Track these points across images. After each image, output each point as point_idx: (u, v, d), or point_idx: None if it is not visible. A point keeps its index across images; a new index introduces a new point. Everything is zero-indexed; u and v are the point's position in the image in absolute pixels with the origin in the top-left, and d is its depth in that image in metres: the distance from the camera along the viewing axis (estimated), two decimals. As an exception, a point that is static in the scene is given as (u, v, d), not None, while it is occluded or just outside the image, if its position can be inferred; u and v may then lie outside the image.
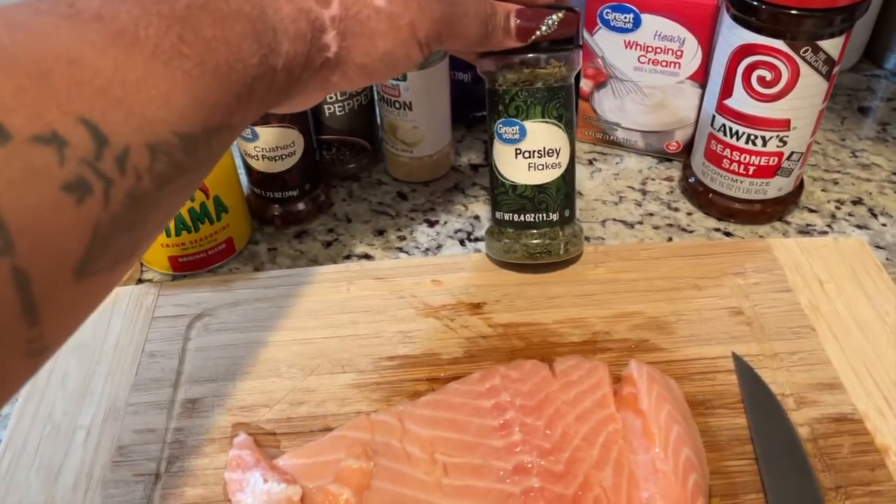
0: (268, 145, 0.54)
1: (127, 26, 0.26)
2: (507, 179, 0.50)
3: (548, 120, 0.48)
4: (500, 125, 0.49)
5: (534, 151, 0.48)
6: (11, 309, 0.21)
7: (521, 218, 0.50)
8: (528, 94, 0.47)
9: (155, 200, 0.27)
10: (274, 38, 0.32)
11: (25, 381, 0.24)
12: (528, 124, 0.48)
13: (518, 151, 0.49)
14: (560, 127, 0.48)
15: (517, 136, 0.48)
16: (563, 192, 0.50)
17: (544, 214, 0.50)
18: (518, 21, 0.44)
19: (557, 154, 0.49)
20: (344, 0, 0.35)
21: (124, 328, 0.48)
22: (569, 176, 0.50)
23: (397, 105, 0.58)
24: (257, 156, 0.55)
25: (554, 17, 0.45)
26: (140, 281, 0.55)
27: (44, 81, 0.23)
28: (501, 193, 0.51)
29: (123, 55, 0.26)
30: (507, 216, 0.51)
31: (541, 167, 0.49)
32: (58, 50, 0.24)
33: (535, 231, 0.50)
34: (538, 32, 0.45)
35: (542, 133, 0.48)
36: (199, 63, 0.28)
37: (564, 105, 0.48)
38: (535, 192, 0.49)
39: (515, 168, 0.49)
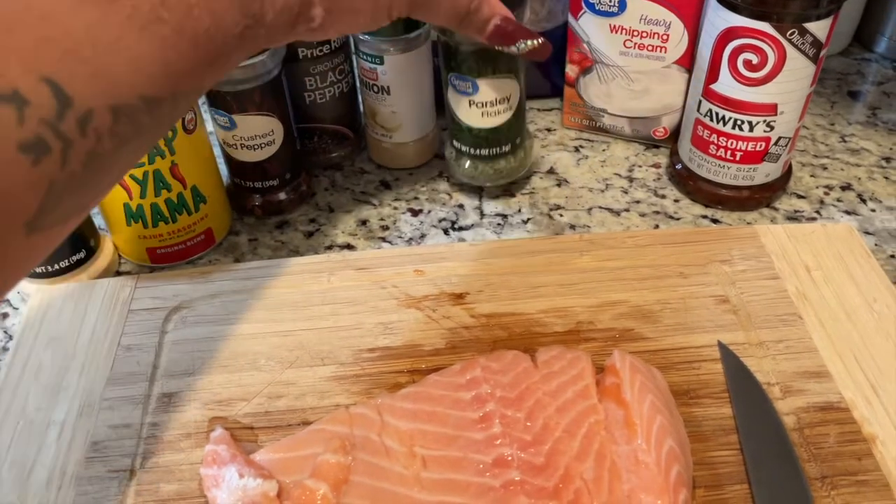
0: (246, 134, 0.53)
1: None
2: (463, 122, 0.54)
3: (499, 75, 0.51)
4: (454, 78, 0.52)
5: (486, 102, 0.52)
6: None
7: (478, 152, 0.56)
8: (479, 56, 0.50)
9: (112, 160, 0.26)
10: (260, 9, 0.31)
11: None
12: (480, 81, 0.51)
13: (471, 102, 0.53)
14: (510, 77, 0.52)
15: (470, 90, 0.52)
16: (515, 126, 0.55)
17: (498, 148, 0.55)
18: (495, 29, 0.43)
19: (508, 100, 0.53)
20: None
21: (100, 321, 0.47)
22: (519, 111, 0.54)
23: (375, 89, 0.57)
24: (236, 145, 0.54)
25: (529, 42, 0.44)
26: (118, 273, 0.54)
27: (9, 35, 0.22)
28: (458, 131, 0.55)
29: (98, 15, 0.25)
30: (464, 148, 0.56)
31: (493, 114, 0.53)
32: (26, 3, 0.23)
33: (490, 161, 0.56)
34: (507, 48, 0.45)
35: (493, 87, 0.52)
36: (176, 29, 0.27)
37: (514, 57, 0.50)
38: (489, 133, 0.54)
39: (469, 114, 0.53)
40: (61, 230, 0.26)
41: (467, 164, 0.57)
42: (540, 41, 0.45)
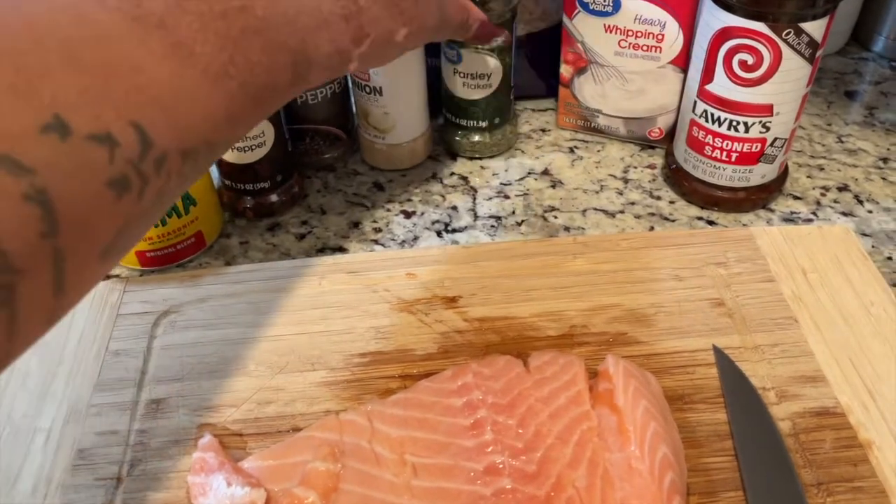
0: (236, 136, 0.52)
1: (185, 39, 0.28)
2: (448, 89, 0.60)
3: (481, 50, 0.57)
4: (444, 46, 0.58)
5: (468, 73, 0.58)
6: (46, 282, 0.24)
7: (457, 121, 0.62)
8: None
9: (173, 196, 0.29)
10: (307, 70, 0.34)
11: (35, 342, 0.26)
12: (464, 52, 0.57)
13: (455, 71, 0.58)
14: (493, 56, 0.57)
15: (455, 59, 0.58)
16: (493, 105, 0.60)
17: (475, 122, 0.61)
18: (477, 31, 0.50)
19: (489, 77, 0.58)
20: (375, 39, 0.38)
21: (88, 326, 0.47)
22: (500, 93, 0.60)
23: (367, 89, 0.57)
24: (226, 147, 0.53)
25: (500, 40, 0.56)
26: (107, 277, 0.53)
27: (106, 84, 0.25)
28: (446, 97, 0.61)
29: (179, 68, 0.28)
30: (448, 115, 0.62)
31: (473, 86, 0.59)
32: (121, 55, 0.26)
33: (466, 132, 0.62)
34: (482, 46, 0.55)
35: (475, 60, 0.57)
36: (241, 85, 0.30)
37: (503, 46, 0.57)
38: (468, 104, 0.60)
39: (454, 82, 0.59)
40: (119, 258, 0.29)
41: (450, 131, 0.63)
42: (503, 38, 0.56)
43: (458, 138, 0.62)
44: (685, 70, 0.57)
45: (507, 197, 0.59)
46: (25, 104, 0.23)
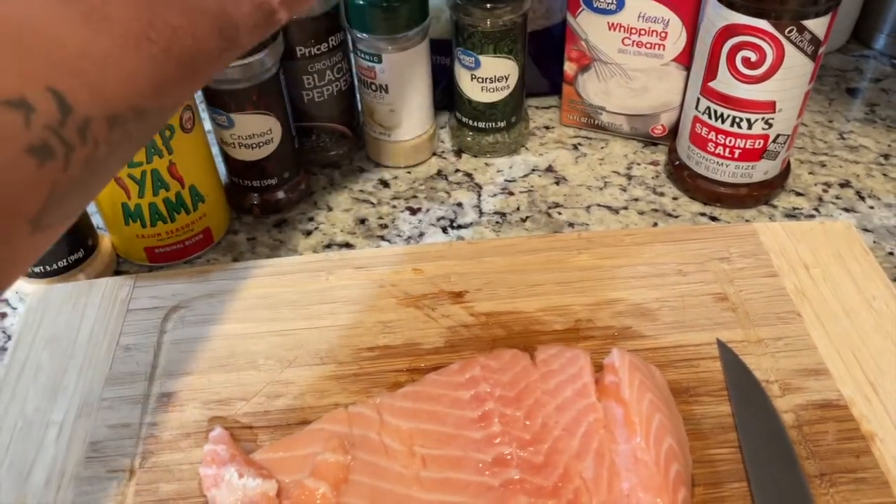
0: (244, 133, 0.53)
1: (96, 5, 0.28)
2: (465, 94, 0.61)
3: (499, 55, 0.57)
4: (460, 53, 0.58)
5: (486, 78, 0.59)
6: None
7: (475, 124, 0.62)
8: (482, 34, 0.56)
9: (106, 164, 0.29)
10: (235, 32, 0.34)
11: None
12: (482, 57, 0.57)
13: (473, 76, 0.59)
14: (510, 58, 0.58)
15: (473, 65, 0.58)
16: (511, 105, 0.61)
17: (493, 123, 0.62)
18: None
19: (506, 79, 0.59)
20: None
21: (99, 321, 0.47)
22: (516, 92, 0.61)
23: (373, 87, 0.57)
24: (234, 144, 0.54)
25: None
26: (117, 272, 0.54)
27: (18, 51, 0.25)
28: (461, 102, 0.62)
29: (94, 33, 0.27)
30: (464, 119, 0.63)
31: (491, 90, 0.59)
32: (33, 24, 0.26)
33: (485, 133, 0.63)
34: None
35: (493, 65, 0.58)
36: (164, 49, 0.30)
37: (514, 40, 0.57)
38: (486, 107, 0.61)
39: (471, 88, 0.60)
40: (59, 229, 0.28)
41: (465, 134, 0.63)
42: None
43: (475, 140, 0.63)
44: (688, 67, 0.58)
45: (511, 193, 0.60)
46: None
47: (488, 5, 0.55)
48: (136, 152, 0.34)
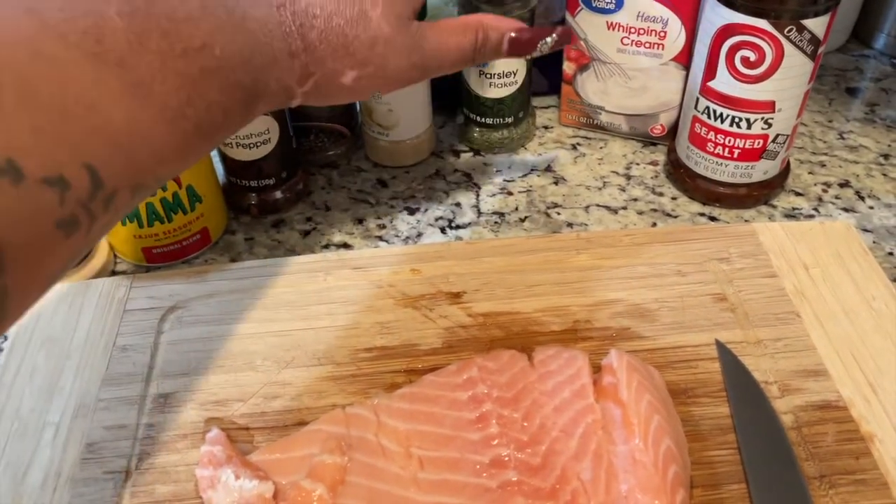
0: (242, 133, 0.53)
1: (145, 78, 0.27)
2: (473, 91, 0.61)
3: None
4: None
5: (494, 74, 0.59)
6: None
7: (483, 120, 0.62)
8: None
9: (126, 211, 0.29)
10: (255, 105, 0.34)
11: None
12: None
13: (482, 73, 0.59)
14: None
15: (483, 63, 0.55)
16: (518, 101, 0.62)
17: (501, 119, 0.62)
18: (510, 46, 0.43)
19: (514, 75, 0.59)
20: (319, 80, 0.36)
21: (95, 321, 0.47)
22: (524, 87, 0.61)
23: (372, 89, 0.57)
24: (231, 143, 0.54)
25: (549, 39, 0.43)
26: (114, 272, 0.54)
27: (61, 124, 0.24)
28: (469, 99, 0.62)
29: (137, 108, 0.27)
30: (472, 116, 0.63)
31: (500, 85, 0.60)
32: (78, 93, 0.25)
33: (493, 129, 0.63)
34: (530, 56, 0.44)
35: (502, 61, 0.57)
36: (196, 125, 0.30)
37: None
38: (495, 103, 0.61)
39: (480, 84, 0.60)
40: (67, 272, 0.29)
41: (472, 130, 0.63)
42: (558, 32, 0.44)
43: (483, 136, 0.63)
44: (687, 67, 0.57)
45: (510, 193, 0.60)
46: None
47: (500, 3, 0.55)
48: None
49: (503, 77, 0.59)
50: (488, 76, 0.59)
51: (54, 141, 0.24)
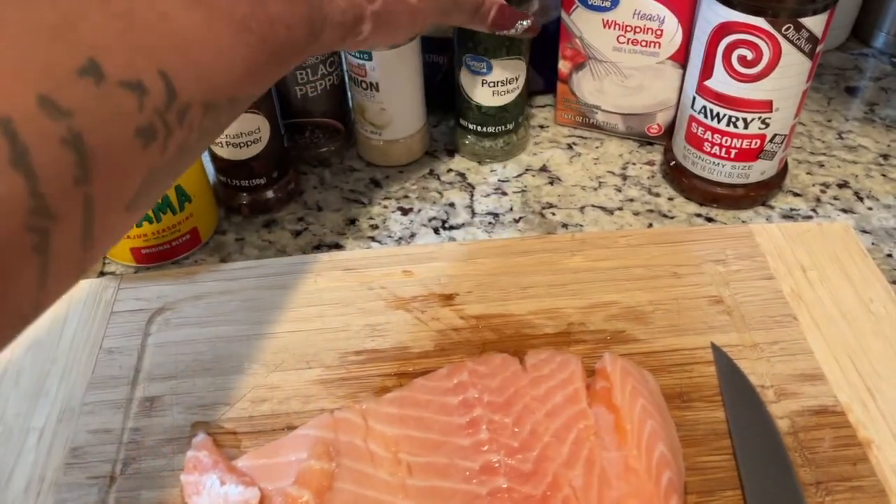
0: (231, 131, 0.52)
1: None
2: (473, 101, 0.58)
3: (512, 57, 0.56)
4: (469, 59, 0.56)
5: (498, 82, 0.57)
6: (76, 231, 0.23)
7: (485, 129, 0.60)
8: (497, 39, 0.54)
9: (193, 152, 0.29)
10: (322, 26, 0.35)
11: (62, 295, 0.25)
12: (494, 62, 0.55)
13: (484, 82, 0.57)
14: (520, 59, 0.56)
15: (484, 70, 0.56)
16: (519, 106, 0.59)
17: (503, 126, 0.60)
18: (495, 16, 0.50)
19: (516, 80, 0.57)
20: None
21: (82, 324, 0.47)
22: (523, 92, 0.59)
23: (364, 85, 0.56)
24: (221, 142, 0.53)
25: (524, 22, 0.51)
26: (102, 273, 0.53)
27: (136, 29, 0.25)
28: (467, 109, 0.59)
29: (205, 18, 0.27)
30: (471, 126, 0.60)
31: (503, 93, 0.58)
32: (149, 1, 0.26)
33: (494, 137, 0.61)
34: (506, 32, 0.51)
35: (506, 67, 0.56)
36: (261, 39, 0.30)
37: (526, 41, 0.56)
38: (497, 111, 0.59)
39: (481, 93, 0.58)
40: (142, 213, 0.28)
41: (473, 140, 0.61)
42: (531, 19, 0.52)
43: (481, 146, 0.61)
44: (684, 66, 0.57)
45: (504, 194, 0.59)
46: (64, 45, 0.23)
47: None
48: (216, 139, 0.34)
49: (506, 84, 0.57)
50: (491, 85, 0.57)
51: (131, 46, 0.24)
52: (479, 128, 0.60)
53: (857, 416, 0.40)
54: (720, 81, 0.50)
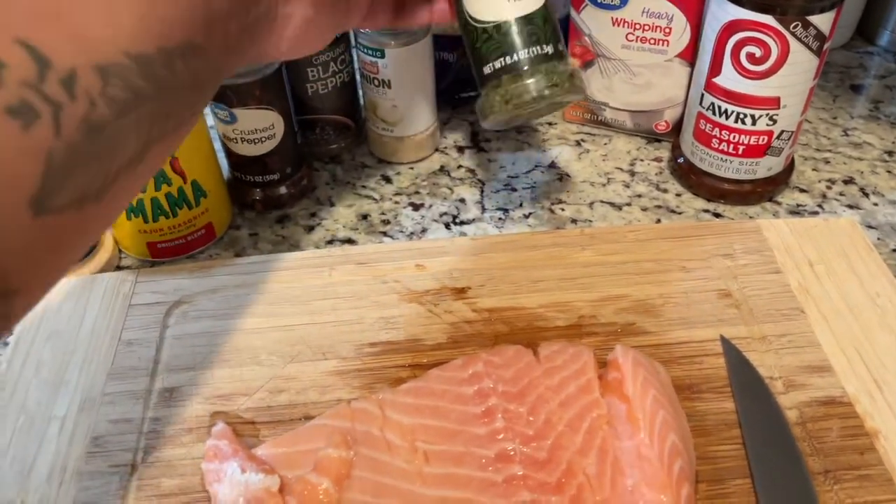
0: (246, 128, 0.53)
1: None
2: (489, 21, 0.42)
3: None
4: None
5: None
6: None
7: (515, 58, 0.41)
8: None
9: (118, 129, 0.25)
10: None
11: None
12: None
13: None
14: None
15: None
16: (550, 23, 0.42)
17: (538, 48, 0.42)
18: None
19: None
20: None
21: (101, 316, 0.47)
22: (551, 6, 0.43)
23: (376, 82, 0.57)
24: (236, 139, 0.54)
25: None
26: (118, 267, 0.54)
27: None
28: (485, 42, 0.42)
29: None
30: (497, 63, 0.42)
31: None
32: None
33: (532, 68, 0.41)
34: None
35: None
36: None
37: None
38: (522, 24, 0.41)
39: (495, 4, 0.42)
40: (78, 216, 0.25)
41: (505, 85, 0.42)
42: None
43: (521, 89, 0.41)
44: (692, 63, 0.57)
45: (514, 189, 0.60)
46: None
47: None
48: (168, 119, 0.28)
49: None
50: None
51: None
52: (508, 59, 0.42)
53: (865, 407, 0.40)
54: (728, 78, 0.51)
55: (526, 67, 0.42)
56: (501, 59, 0.42)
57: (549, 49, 0.42)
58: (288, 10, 0.37)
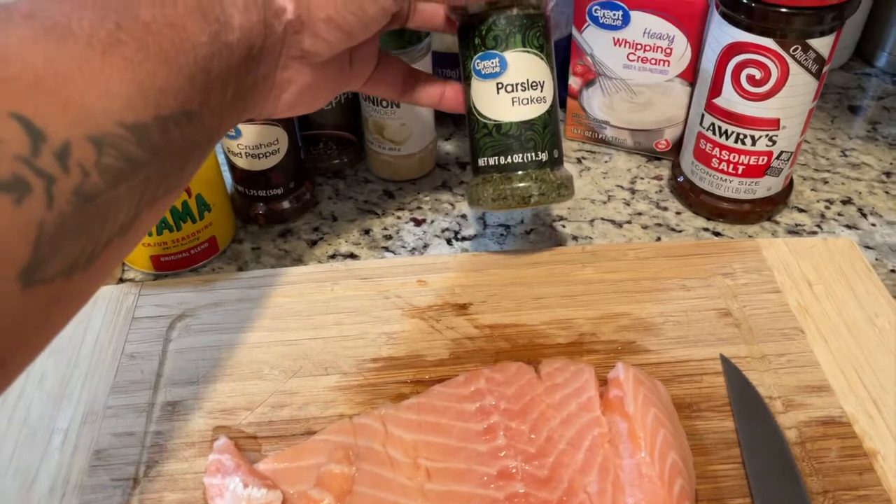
0: (251, 143, 0.53)
1: (59, 20, 0.25)
2: (490, 119, 0.45)
3: (529, 50, 0.44)
4: (478, 60, 0.45)
5: (517, 84, 0.45)
6: None
7: (509, 160, 0.45)
8: (506, 21, 0.44)
9: (111, 198, 0.25)
10: (222, 12, 0.30)
11: None
12: (508, 55, 0.44)
13: (500, 86, 0.45)
14: (542, 58, 0.45)
15: (497, 69, 0.44)
16: (550, 129, 0.45)
17: (533, 154, 0.45)
18: None
19: (542, 87, 0.45)
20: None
21: (104, 329, 0.47)
22: (554, 113, 0.46)
23: (384, 103, 0.57)
24: (240, 153, 0.54)
25: None
26: (121, 280, 0.54)
27: None
28: (484, 136, 0.46)
29: (55, 47, 0.24)
30: (491, 160, 0.45)
31: (525, 101, 0.45)
32: None
33: (523, 173, 0.45)
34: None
35: (524, 64, 0.44)
36: (140, 48, 0.27)
37: (544, 35, 0.45)
38: (521, 129, 0.45)
39: (498, 105, 0.45)
40: (67, 285, 0.25)
41: (494, 182, 0.46)
42: None
43: (508, 188, 0.45)
44: (693, 83, 0.58)
45: (515, 206, 0.60)
46: None
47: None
48: (163, 184, 0.28)
49: (528, 89, 0.45)
50: (508, 88, 0.44)
51: None
52: (501, 159, 0.45)
53: (863, 427, 0.41)
54: (729, 99, 0.51)
55: (518, 172, 0.45)
56: (496, 157, 0.45)
57: (543, 156, 0.45)
58: (286, 76, 0.37)
